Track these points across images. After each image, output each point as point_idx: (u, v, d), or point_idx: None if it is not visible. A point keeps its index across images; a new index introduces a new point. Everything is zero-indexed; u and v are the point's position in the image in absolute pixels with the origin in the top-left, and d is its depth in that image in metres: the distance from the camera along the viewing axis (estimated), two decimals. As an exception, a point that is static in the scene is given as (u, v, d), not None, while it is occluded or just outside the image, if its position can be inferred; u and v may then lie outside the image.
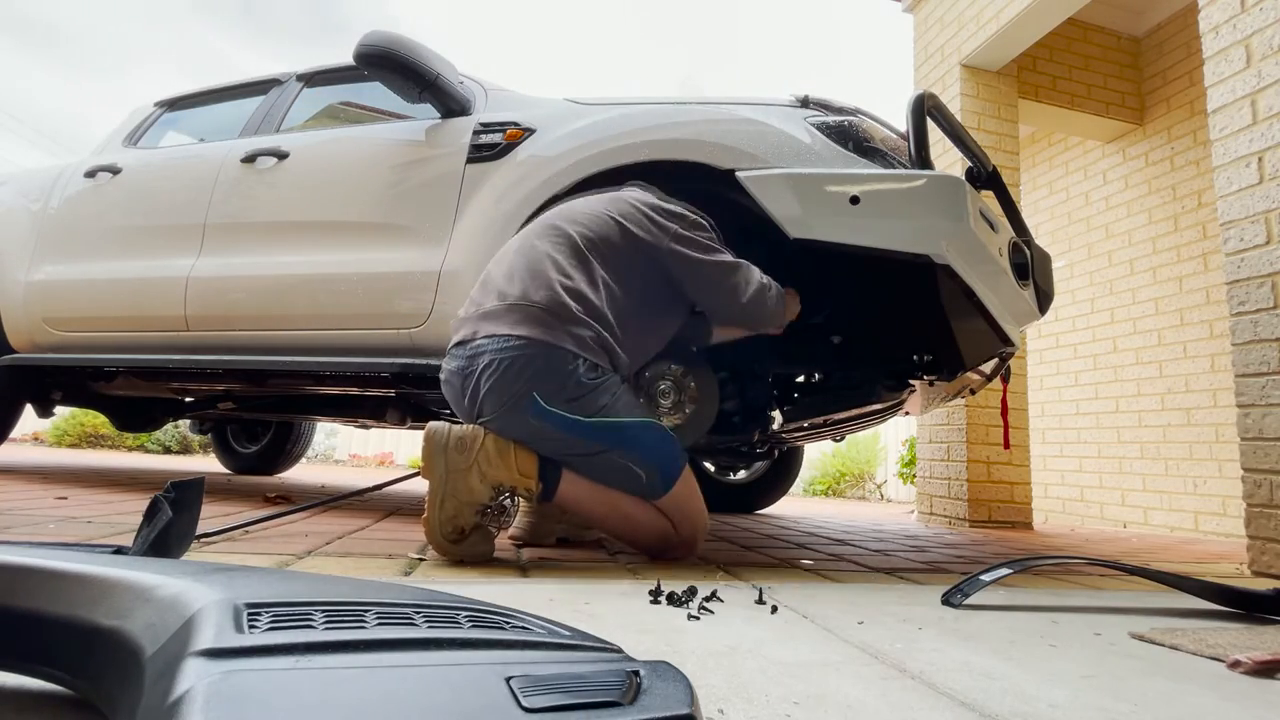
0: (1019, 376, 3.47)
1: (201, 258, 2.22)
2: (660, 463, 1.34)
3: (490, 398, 1.28)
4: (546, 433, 1.28)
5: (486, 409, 1.29)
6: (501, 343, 1.27)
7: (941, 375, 1.75)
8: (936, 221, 1.49)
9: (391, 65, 1.90)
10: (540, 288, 1.31)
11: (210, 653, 0.36)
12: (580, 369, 1.28)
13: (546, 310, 1.29)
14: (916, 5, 4.09)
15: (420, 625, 0.44)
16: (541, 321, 1.28)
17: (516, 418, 1.28)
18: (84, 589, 0.47)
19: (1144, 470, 4.02)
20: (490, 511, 1.30)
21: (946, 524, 3.37)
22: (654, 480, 1.33)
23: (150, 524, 0.81)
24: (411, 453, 9.53)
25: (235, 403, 2.84)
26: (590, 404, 1.28)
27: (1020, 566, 1.21)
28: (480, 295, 1.39)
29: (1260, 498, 1.91)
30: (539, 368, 1.26)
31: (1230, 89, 2.08)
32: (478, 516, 1.28)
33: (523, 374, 1.26)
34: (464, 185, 1.90)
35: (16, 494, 2.01)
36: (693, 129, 1.69)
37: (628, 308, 1.41)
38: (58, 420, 8.27)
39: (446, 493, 1.26)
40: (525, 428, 1.29)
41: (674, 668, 0.42)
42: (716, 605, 0.96)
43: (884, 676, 0.66)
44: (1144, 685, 0.69)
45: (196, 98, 2.82)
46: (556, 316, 1.29)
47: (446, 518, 1.25)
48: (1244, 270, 2.00)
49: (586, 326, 1.32)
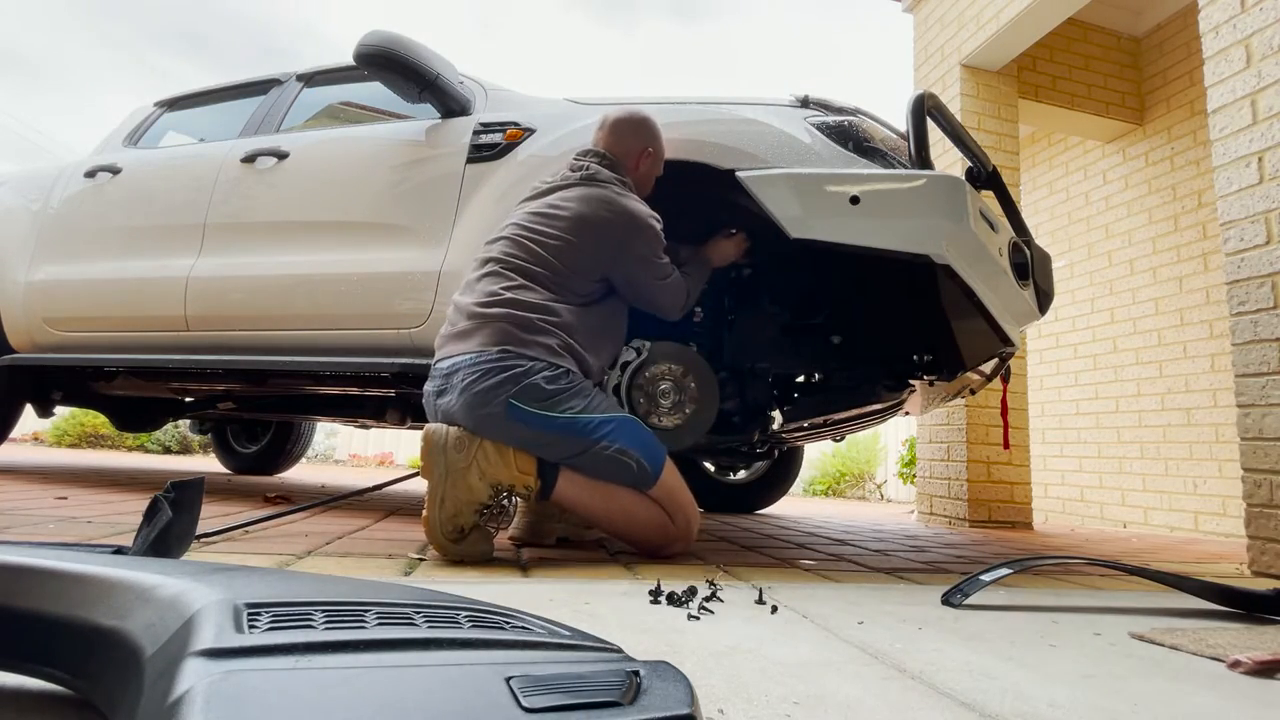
0: (1019, 376, 3.47)
1: (201, 258, 2.22)
2: (644, 449, 1.37)
3: (462, 411, 1.31)
4: (527, 435, 1.31)
5: (459, 420, 1.32)
6: (474, 359, 1.31)
7: (941, 375, 1.75)
8: (937, 221, 1.49)
9: (391, 65, 1.90)
10: (502, 304, 1.36)
11: (210, 653, 0.36)
12: (550, 374, 1.32)
13: (513, 324, 1.34)
14: (916, 5, 4.09)
15: (420, 625, 0.44)
16: (509, 335, 1.33)
17: (496, 426, 1.30)
18: (84, 589, 0.47)
19: (1144, 470, 4.02)
20: (490, 511, 1.31)
21: (946, 524, 3.37)
22: (644, 466, 1.36)
23: (150, 524, 0.81)
24: (411, 453, 9.52)
25: (235, 403, 2.84)
26: (565, 406, 1.31)
27: (1020, 566, 1.21)
28: (454, 315, 1.44)
29: (1260, 498, 1.91)
30: (509, 377, 1.29)
31: (1230, 89, 2.08)
32: (477, 516, 1.29)
33: (496, 386, 1.29)
34: (464, 185, 1.90)
35: (16, 494, 2.01)
36: (693, 129, 1.69)
37: (588, 312, 1.46)
38: (58, 420, 8.27)
39: (446, 492, 1.26)
40: (506, 433, 1.31)
41: (674, 668, 0.42)
42: (716, 605, 0.96)
43: (884, 676, 0.66)
44: (1144, 685, 0.69)
45: (196, 98, 2.82)
46: (523, 328, 1.34)
47: (446, 517, 1.25)
48: (1244, 270, 2.00)
49: (553, 335, 1.36)
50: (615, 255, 1.46)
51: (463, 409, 1.31)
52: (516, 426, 1.30)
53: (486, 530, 1.30)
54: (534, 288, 1.40)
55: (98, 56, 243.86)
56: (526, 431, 1.30)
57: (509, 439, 1.31)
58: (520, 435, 1.31)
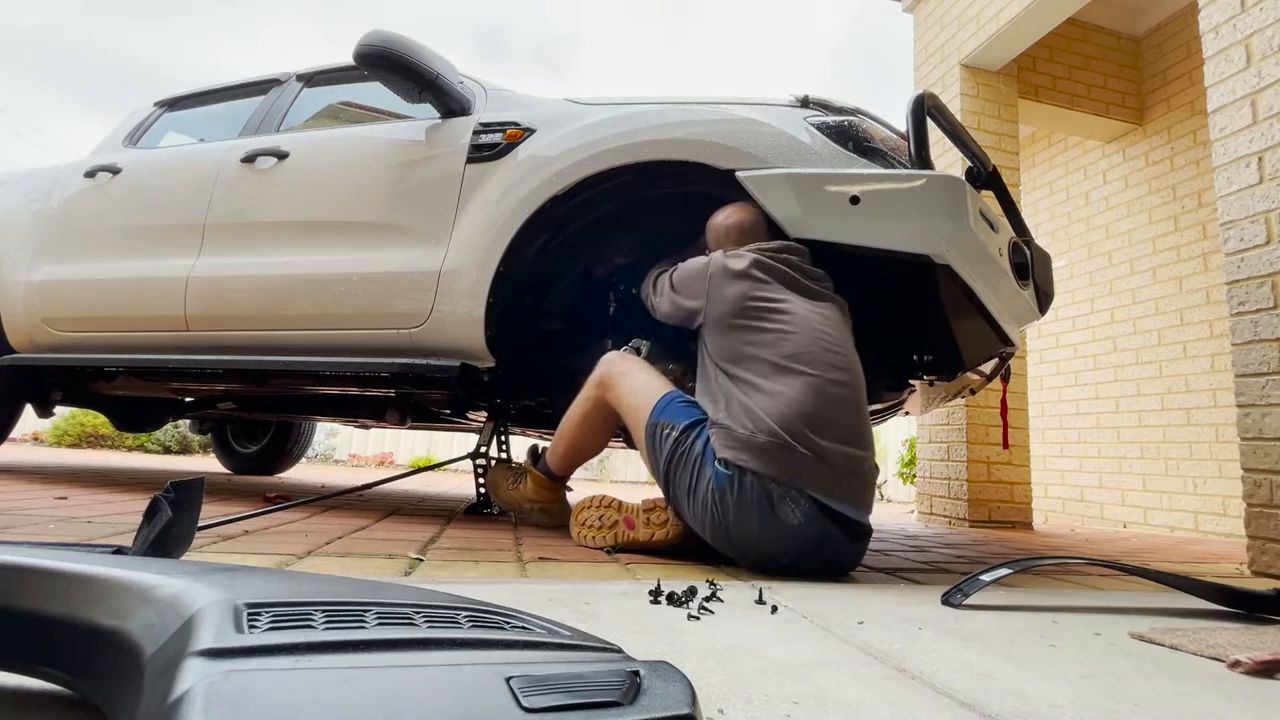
0: (1019, 376, 3.47)
1: (201, 258, 2.22)
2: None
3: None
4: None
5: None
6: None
7: (941, 375, 1.75)
8: (937, 221, 1.49)
9: (391, 65, 1.90)
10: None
11: (210, 653, 0.36)
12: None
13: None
14: (916, 5, 4.09)
15: (420, 625, 0.44)
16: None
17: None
18: (84, 589, 0.47)
19: (1144, 470, 4.02)
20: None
21: (946, 524, 3.37)
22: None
23: (150, 524, 0.81)
24: (412, 453, 9.53)
25: (235, 403, 2.84)
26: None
27: (1020, 566, 1.21)
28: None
29: (1260, 498, 1.91)
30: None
31: (1230, 89, 2.08)
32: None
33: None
34: (464, 185, 1.90)
35: (16, 494, 2.01)
36: (693, 129, 1.68)
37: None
38: (58, 420, 8.27)
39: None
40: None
41: (674, 668, 0.42)
42: (716, 605, 0.96)
43: (884, 676, 0.66)
44: (1144, 685, 0.69)
45: (196, 98, 2.82)
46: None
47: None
48: (1244, 270, 2.00)
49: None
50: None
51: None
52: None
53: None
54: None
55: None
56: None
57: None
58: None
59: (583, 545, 1.55)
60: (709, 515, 1.31)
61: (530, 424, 2.51)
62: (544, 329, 2.00)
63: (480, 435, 2.16)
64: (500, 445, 2.21)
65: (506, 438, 2.25)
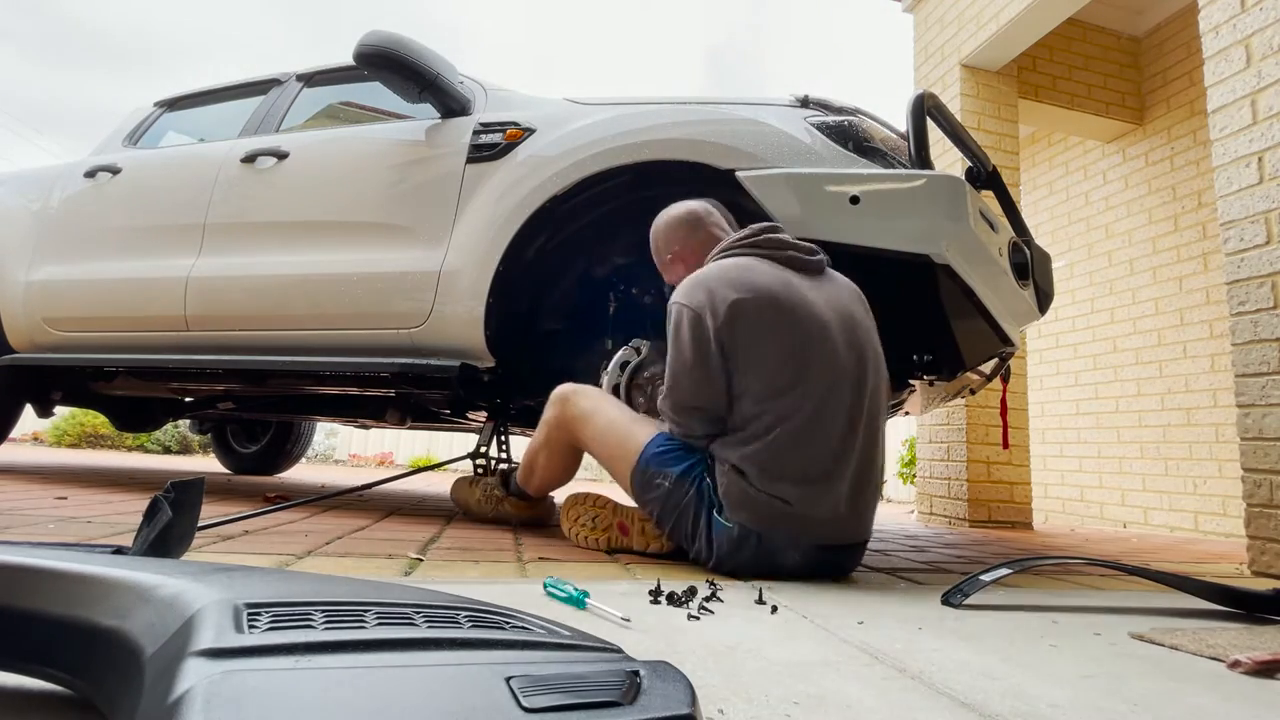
0: (1019, 376, 3.47)
1: (201, 258, 2.22)
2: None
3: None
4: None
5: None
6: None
7: (941, 375, 1.75)
8: (936, 221, 1.49)
9: (391, 65, 1.90)
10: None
11: (210, 653, 0.36)
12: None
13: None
14: (916, 5, 4.09)
15: (420, 625, 0.44)
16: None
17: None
18: (84, 589, 0.47)
19: (1144, 470, 4.02)
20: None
21: (946, 524, 3.37)
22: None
23: (150, 524, 0.81)
24: (411, 453, 9.53)
25: (235, 403, 2.84)
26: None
27: (1020, 566, 1.21)
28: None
29: (1260, 498, 1.91)
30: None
31: (1230, 89, 2.08)
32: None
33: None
34: (464, 185, 1.90)
35: (16, 494, 2.01)
36: (693, 129, 1.69)
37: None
38: (58, 420, 8.28)
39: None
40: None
41: (674, 668, 0.42)
42: (716, 605, 0.96)
43: (884, 676, 0.66)
44: (1144, 685, 0.69)
45: (196, 98, 2.82)
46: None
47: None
48: (1244, 270, 2.00)
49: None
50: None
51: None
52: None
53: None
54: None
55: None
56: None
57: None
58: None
59: (578, 544, 1.55)
60: (708, 553, 1.32)
61: (530, 424, 2.51)
62: (544, 329, 2.00)
63: (480, 435, 2.16)
64: (500, 445, 2.21)
65: (506, 438, 2.25)
